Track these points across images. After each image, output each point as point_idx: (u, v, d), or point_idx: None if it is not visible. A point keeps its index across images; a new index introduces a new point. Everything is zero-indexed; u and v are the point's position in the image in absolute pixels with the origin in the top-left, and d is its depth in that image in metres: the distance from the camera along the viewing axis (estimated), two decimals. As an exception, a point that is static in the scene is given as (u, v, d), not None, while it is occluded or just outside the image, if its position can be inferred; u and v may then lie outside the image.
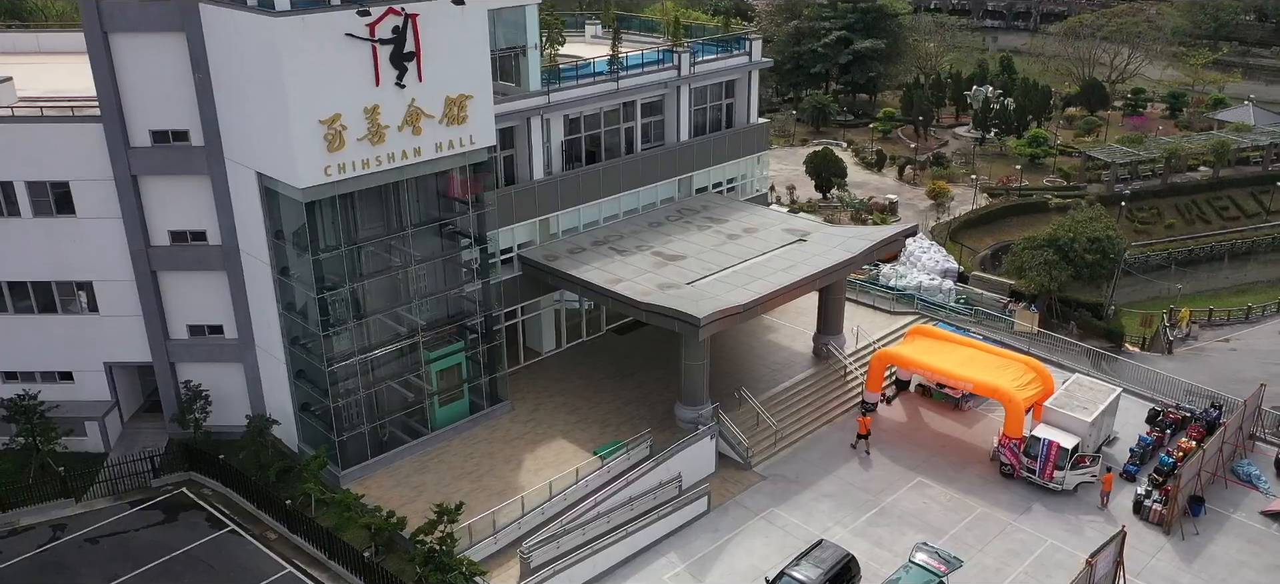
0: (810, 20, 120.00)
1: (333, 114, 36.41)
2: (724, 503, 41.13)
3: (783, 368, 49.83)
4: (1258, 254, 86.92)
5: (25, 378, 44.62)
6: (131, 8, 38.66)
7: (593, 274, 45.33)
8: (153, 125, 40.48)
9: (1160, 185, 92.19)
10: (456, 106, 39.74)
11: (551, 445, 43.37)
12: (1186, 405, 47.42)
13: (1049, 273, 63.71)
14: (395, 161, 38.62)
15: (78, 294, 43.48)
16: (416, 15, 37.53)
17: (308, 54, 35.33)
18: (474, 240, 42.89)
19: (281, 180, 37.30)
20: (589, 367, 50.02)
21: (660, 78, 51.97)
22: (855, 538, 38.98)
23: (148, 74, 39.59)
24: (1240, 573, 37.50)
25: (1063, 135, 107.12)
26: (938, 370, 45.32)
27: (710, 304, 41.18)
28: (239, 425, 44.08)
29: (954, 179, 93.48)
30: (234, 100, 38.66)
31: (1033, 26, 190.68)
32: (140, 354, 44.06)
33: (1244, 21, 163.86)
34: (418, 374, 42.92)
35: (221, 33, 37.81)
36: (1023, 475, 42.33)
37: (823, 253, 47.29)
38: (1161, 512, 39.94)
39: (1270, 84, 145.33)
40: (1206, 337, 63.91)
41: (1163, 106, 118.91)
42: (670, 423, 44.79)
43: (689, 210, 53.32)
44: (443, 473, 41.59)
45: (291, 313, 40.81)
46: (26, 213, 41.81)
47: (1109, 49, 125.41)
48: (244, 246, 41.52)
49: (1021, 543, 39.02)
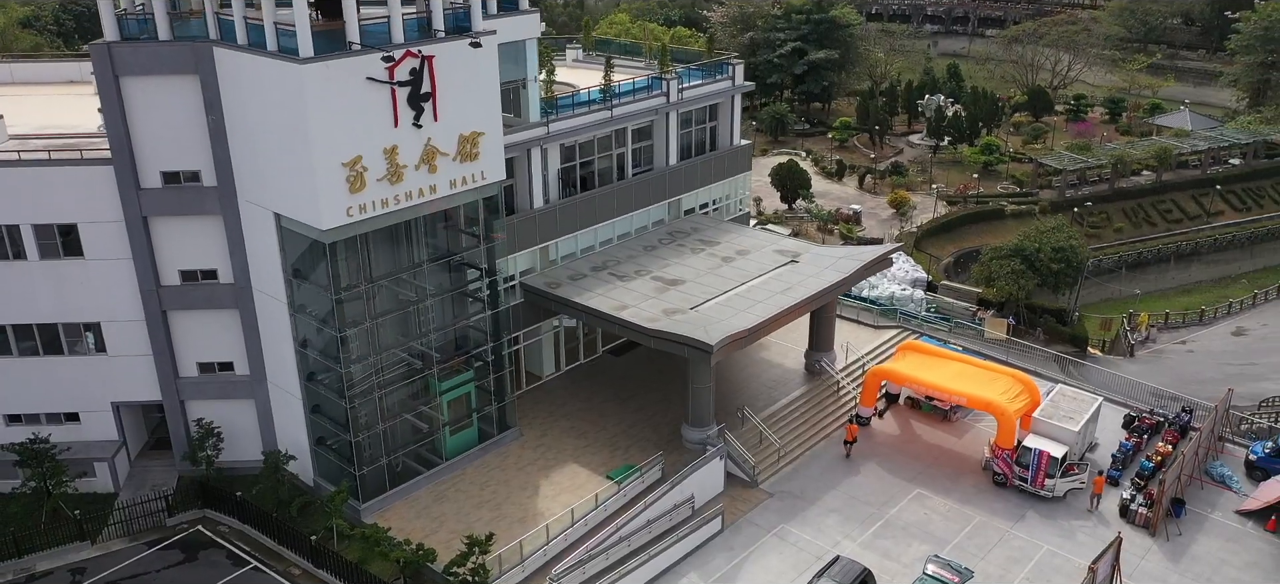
0: (765, 31, 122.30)
1: (354, 156, 37.07)
2: (736, 521, 42.59)
3: (778, 385, 51.49)
4: (1201, 255, 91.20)
5: (30, 420, 44.41)
6: (143, 51, 38.87)
7: (598, 301, 46.46)
8: (164, 166, 40.65)
9: (1108, 190, 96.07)
10: (469, 143, 40.60)
11: (564, 470, 44.42)
12: (1160, 410, 50.09)
13: (1017, 281, 66.35)
14: (412, 200, 39.37)
15: (85, 335, 43.37)
16: (433, 56, 38.32)
17: (331, 98, 35.96)
18: (484, 272, 43.75)
19: (304, 221, 37.80)
20: (589, 389, 51.13)
21: (651, 105, 53.27)
22: (864, 551, 40.74)
23: (159, 116, 39.78)
24: (1223, 571, 40.05)
25: (1012, 141, 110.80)
26: (932, 386, 47.35)
27: (719, 330, 42.60)
28: (250, 461, 44.42)
29: (912, 187, 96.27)
30: (250, 142, 39.02)
31: (971, 31, 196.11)
32: (149, 393, 44.10)
33: (1172, 25, 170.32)
34: (430, 405, 43.62)
35: (238, 76, 38.17)
36: (1015, 484, 44.50)
37: (816, 274, 49.01)
38: (1147, 515, 42.38)
39: (1199, 86, 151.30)
40: (1164, 339, 67.17)
41: (1103, 112, 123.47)
42: (677, 444, 46.15)
43: (680, 232, 54.71)
44: (461, 502, 42.39)
45: (308, 349, 41.28)
46: (33, 256, 41.66)
47: (1050, 55, 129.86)
48: (257, 285, 41.85)
49: (1020, 550, 41.14)
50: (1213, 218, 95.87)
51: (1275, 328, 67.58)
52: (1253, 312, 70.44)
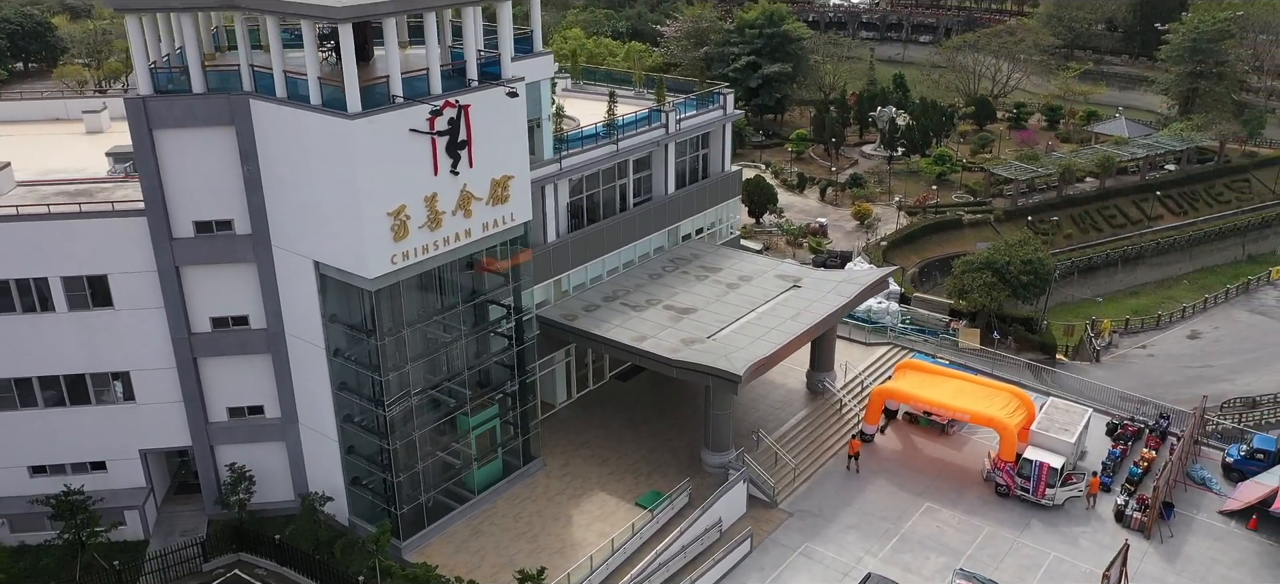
0: (719, 45, 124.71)
1: (399, 205, 38.03)
2: (762, 542, 44.51)
3: (784, 406, 53.56)
4: (1145, 258, 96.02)
5: (55, 471, 44.23)
6: (179, 104, 39.21)
7: (617, 332, 47.92)
8: (196, 216, 40.99)
9: (1056, 197, 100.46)
10: (500, 187, 41.80)
11: (593, 499, 45.83)
12: (1140, 417, 53.43)
13: (989, 293, 69.50)
14: (449, 244, 40.44)
15: (113, 384, 43.37)
16: (469, 106, 39.42)
17: (377, 151, 36.88)
18: (512, 310, 44.91)
19: (349, 270, 38.58)
20: (603, 416, 52.57)
21: (652, 136, 54.89)
22: (887, 566, 42.98)
23: (193, 167, 40.13)
24: (1215, 569, 43.25)
25: (960, 151, 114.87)
26: (937, 404, 49.88)
27: (742, 358, 44.43)
28: (279, 502, 44.97)
29: (872, 199, 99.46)
30: (288, 191, 39.62)
31: (905, 38, 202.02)
32: (179, 439, 44.31)
33: (1097, 32, 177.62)
34: (462, 441, 44.61)
35: (276, 127, 38.77)
36: (1017, 494, 47.23)
37: (820, 299, 51.18)
38: (1142, 519, 45.44)
39: (1124, 90, 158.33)
40: (1125, 344, 71.03)
41: (1041, 119, 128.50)
42: (696, 468, 47.88)
43: (681, 259, 56.45)
44: (497, 535, 43.52)
45: (344, 391, 42.01)
46: (61, 308, 41.60)
47: (990, 64, 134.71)
48: (291, 329, 42.40)
49: (1030, 558, 43.81)
50: (1153, 222, 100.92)
51: (1227, 330, 71.99)
52: (1204, 315, 74.84)
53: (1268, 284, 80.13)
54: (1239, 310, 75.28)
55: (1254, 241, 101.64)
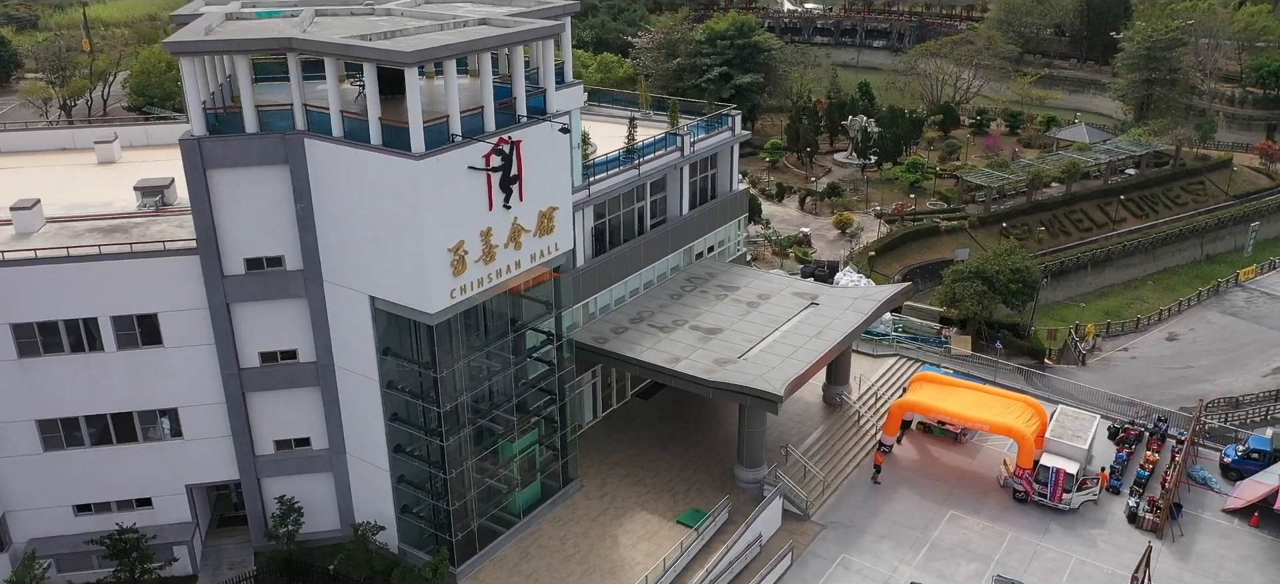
0: (690, 56, 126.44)
1: (458, 241, 38.92)
2: (801, 554, 46.14)
3: (804, 419, 55.30)
4: (1112, 260, 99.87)
5: (100, 509, 44.23)
6: (233, 144, 39.60)
7: (651, 355, 49.20)
8: (247, 253, 41.36)
9: (1026, 203, 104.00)
10: (547, 218, 42.87)
11: (634, 518, 47.08)
12: (1140, 421, 56.18)
13: (980, 302, 72.15)
14: (502, 276, 41.42)
15: (160, 420, 43.52)
16: (520, 141, 40.44)
17: (440, 189, 37.74)
18: (554, 337, 45.96)
19: (409, 305, 39.34)
20: (631, 434, 53.82)
21: (669, 160, 56.26)
22: (923, 574, 44.91)
23: (245, 205, 40.51)
24: (1225, 566, 45.93)
25: (929, 157, 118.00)
26: (954, 414, 52.01)
27: (778, 378, 45.99)
28: (324, 532, 45.51)
29: (850, 207, 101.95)
30: (343, 229, 40.21)
31: (859, 43, 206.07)
32: (226, 473, 44.61)
33: (1046, 37, 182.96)
34: (506, 466, 45.54)
35: (332, 166, 39.35)
36: (1035, 499, 49.52)
37: (840, 316, 52.98)
38: (1154, 520, 47.99)
39: (1074, 93, 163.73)
40: (1108, 347, 74.21)
41: (1002, 125, 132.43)
42: (729, 484, 49.38)
43: (698, 278, 57.90)
44: (547, 558, 44.55)
45: (396, 422, 42.72)
46: (110, 347, 41.70)
47: (952, 71, 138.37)
48: (340, 362, 42.96)
49: (1055, 561, 46.07)
50: (1117, 225, 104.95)
51: (1202, 332, 75.56)
52: (1180, 317, 78.42)
53: (1236, 286, 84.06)
54: (1212, 312, 78.97)
55: (1211, 242, 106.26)
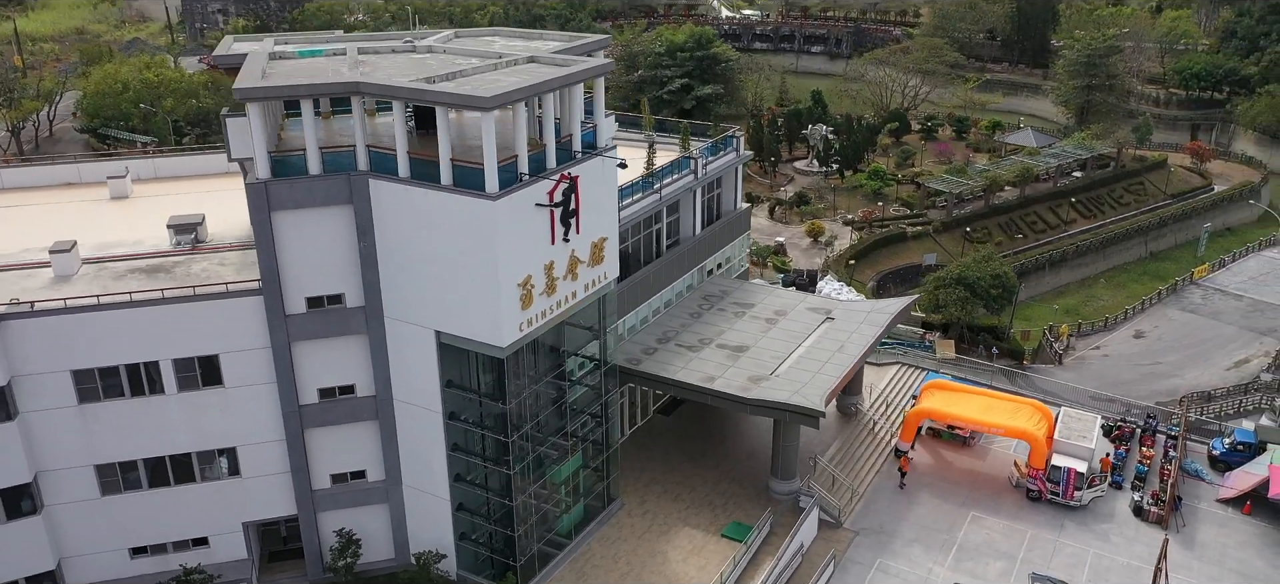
0: (651, 68, 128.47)
1: (526, 275, 40.20)
2: (841, 561, 48.39)
3: (822, 429, 56.96)
4: (1067, 260, 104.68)
5: (156, 550, 44.28)
6: (299, 186, 40.20)
7: (685, 374, 50.96)
8: (308, 292, 41.95)
9: (984, 207, 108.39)
10: (598, 249, 44.36)
11: (681, 533, 48.79)
12: (1130, 418, 59.87)
13: (963, 307, 75.57)
14: (561, 308, 42.80)
15: (218, 460, 43.76)
16: (578, 176, 41.86)
17: (512, 227, 39.00)
18: (600, 362, 47.41)
19: (480, 340, 40.44)
20: (660, 450, 55.49)
21: (685, 183, 58.09)
22: (956, 573, 47.55)
23: (308, 245, 41.11)
24: (1228, 552, 49.59)
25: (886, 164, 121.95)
26: (968, 420, 54.86)
27: (815, 393, 48.16)
28: (379, 561, 46.29)
29: (819, 215, 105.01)
30: (407, 266, 41.10)
31: (797, 49, 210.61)
32: (284, 509, 45.04)
33: (979, 42, 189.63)
34: (556, 490, 46.85)
35: (397, 206, 40.24)
36: (1048, 498, 52.63)
37: (856, 330, 55.43)
38: (1159, 513, 51.46)
39: (1010, 97, 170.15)
40: (1081, 346, 78.29)
41: (950, 130, 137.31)
42: (763, 496, 51.43)
43: (712, 296, 59.84)
44: (602, 577, 46.01)
45: (457, 452, 43.73)
46: (171, 390, 41.85)
47: (900, 79, 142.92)
48: (400, 396, 43.78)
49: (1074, 556, 49.16)
50: (1068, 226, 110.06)
51: (1166, 329, 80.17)
52: (1144, 315, 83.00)
53: (1191, 284, 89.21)
54: (1172, 310, 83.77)
55: (1154, 240, 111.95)
